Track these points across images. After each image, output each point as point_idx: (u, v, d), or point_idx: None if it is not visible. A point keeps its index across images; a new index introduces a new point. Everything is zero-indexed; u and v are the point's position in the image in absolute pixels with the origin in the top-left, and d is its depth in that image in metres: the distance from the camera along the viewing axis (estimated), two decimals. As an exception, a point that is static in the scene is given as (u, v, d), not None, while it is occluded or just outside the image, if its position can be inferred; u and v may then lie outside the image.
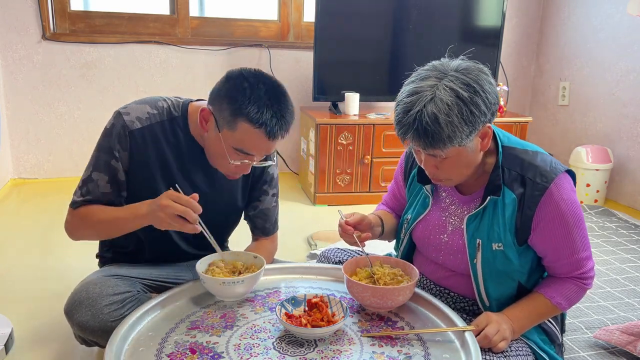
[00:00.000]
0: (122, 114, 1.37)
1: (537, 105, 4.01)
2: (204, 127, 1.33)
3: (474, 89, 1.15)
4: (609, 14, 3.31)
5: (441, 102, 1.13)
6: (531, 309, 1.30)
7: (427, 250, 1.43)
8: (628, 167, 3.23)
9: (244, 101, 1.23)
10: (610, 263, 2.34)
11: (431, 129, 1.13)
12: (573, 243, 1.26)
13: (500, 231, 1.26)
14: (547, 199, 1.23)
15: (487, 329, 1.21)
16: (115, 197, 1.39)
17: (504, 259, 1.28)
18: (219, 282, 1.28)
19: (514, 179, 1.26)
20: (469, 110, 1.14)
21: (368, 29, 3.27)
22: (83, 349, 1.60)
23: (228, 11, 3.54)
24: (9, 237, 2.55)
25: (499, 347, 1.21)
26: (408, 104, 1.16)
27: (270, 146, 1.31)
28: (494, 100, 1.19)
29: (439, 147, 1.16)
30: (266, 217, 1.60)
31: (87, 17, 3.28)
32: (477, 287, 1.32)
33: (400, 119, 1.18)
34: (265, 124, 1.24)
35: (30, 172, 3.38)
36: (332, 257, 1.61)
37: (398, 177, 1.55)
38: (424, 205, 1.42)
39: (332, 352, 1.14)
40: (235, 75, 1.28)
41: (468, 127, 1.15)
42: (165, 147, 1.39)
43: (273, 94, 1.27)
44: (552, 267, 1.31)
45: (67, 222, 1.43)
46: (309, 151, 3.24)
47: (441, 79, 1.16)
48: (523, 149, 1.30)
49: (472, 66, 1.19)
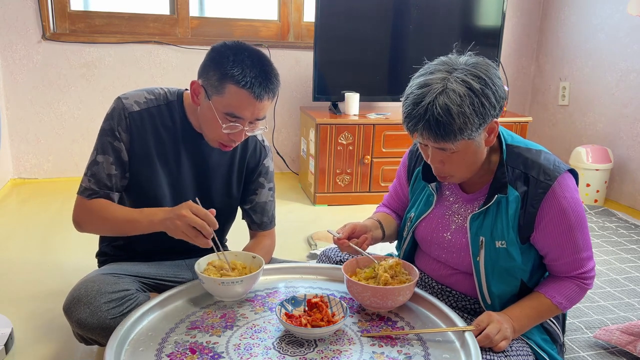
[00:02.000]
0: (121, 98, 1.45)
1: (537, 105, 4.01)
2: (196, 101, 1.40)
3: (485, 81, 1.15)
4: (609, 14, 3.31)
5: (453, 93, 1.13)
6: (532, 308, 1.30)
7: (430, 248, 1.43)
8: (628, 167, 3.23)
9: (228, 65, 1.31)
10: (610, 263, 2.34)
11: (443, 120, 1.13)
12: (575, 242, 1.26)
13: (504, 229, 1.27)
14: (550, 196, 1.23)
15: (489, 329, 1.21)
16: (120, 178, 1.44)
17: (507, 257, 1.28)
18: (217, 282, 1.28)
19: (518, 177, 1.26)
20: (480, 102, 1.14)
21: (368, 29, 3.26)
22: (83, 349, 1.61)
23: (228, 11, 3.54)
24: (9, 237, 2.55)
25: (500, 347, 1.21)
26: (418, 96, 1.16)
27: (257, 107, 1.35)
28: (502, 94, 1.19)
29: (450, 139, 1.16)
30: (263, 211, 1.62)
31: (87, 17, 3.28)
32: (479, 285, 1.32)
33: (410, 111, 1.17)
34: (250, 83, 1.30)
35: (30, 172, 3.38)
36: (333, 257, 1.61)
37: (401, 175, 1.55)
38: (428, 203, 1.42)
39: (332, 352, 1.14)
40: (219, 45, 1.36)
41: (479, 119, 1.15)
42: (162, 130, 1.46)
43: (256, 58, 1.34)
44: (553, 265, 1.31)
45: (76, 214, 1.46)
46: (309, 151, 3.25)
47: (451, 72, 1.17)
48: (526, 148, 1.30)
49: (481, 61, 1.20)
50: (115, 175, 1.43)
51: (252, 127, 1.39)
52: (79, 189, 1.45)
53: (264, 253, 1.54)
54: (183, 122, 1.47)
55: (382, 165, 3.17)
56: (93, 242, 1.65)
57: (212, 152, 1.51)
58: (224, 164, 1.54)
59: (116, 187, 1.44)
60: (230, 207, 1.62)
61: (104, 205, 1.42)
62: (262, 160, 1.59)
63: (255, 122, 1.39)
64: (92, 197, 1.43)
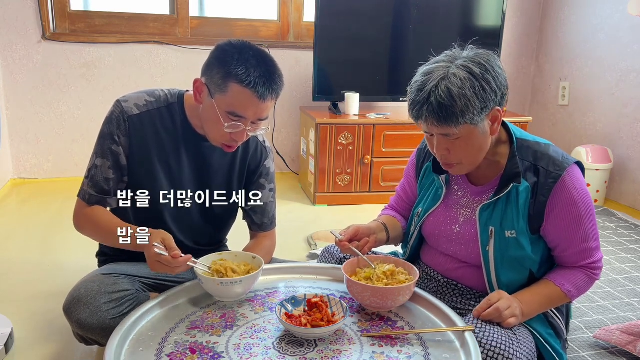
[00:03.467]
0: (121, 101, 1.44)
1: (537, 105, 4.01)
2: (198, 99, 1.39)
3: (485, 67, 1.21)
4: (609, 14, 3.31)
5: (454, 77, 1.19)
6: (541, 294, 1.32)
7: (438, 242, 1.44)
8: (628, 167, 3.23)
9: (233, 63, 1.30)
10: (610, 263, 2.34)
11: (445, 103, 1.18)
12: (585, 231, 1.30)
13: (514, 218, 1.29)
14: (560, 186, 1.27)
15: (500, 303, 1.23)
16: (118, 182, 1.44)
17: (517, 246, 1.30)
18: (217, 282, 1.28)
19: (528, 168, 1.30)
20: (481, 85, 1.19)
21: (368, 28, 3.26)
22: (83, 349, 1.61)
23: (228, 11, 3.54)
24: (9, 237, 2.54)
25: (509, 323, 1.22)
26: (421, 83, 1.22)
27: (260, 107, 1.35)
28: (503, 82, 1.24)
29: (452, 122, 1.19)
30: (264, 212, 1.61)
31: (87, 17, 3.28)
32: (488, 275, 1.34)
33: (415, 98, 1.23)
34: (253, 82, 1.30)
35: (30, 172, 3.38)
36: (336, 253, 1.60)
37: (409, 173, 1.58)
38: (436, 198, 1.44)
39: (332, 352, 1.14)
40: (224, 44, 1.36)
41: (480, 102, 1.19)
42: (162, 132, 1.45)
43: (260, 58, 1.34)
44: (563, 256, 1.34)
45: (75, 217, 1.47)
46: (309, 151, 3.24)
47: (453, 61, 1.23)
48: (535, 142, 1.35)
49: (483, 51, 1.27)
50: (112, 180, 1.43)
51: (254, 127, 1.39)
52: (79, 192, 1.45)
53: (264, 254, 1.54)
54: (184, 124, 1.46)
55: (382, 165, 3.17)
56: (93, 242, 1.64)
57: (213, 153, 1.50)
58: (225, 165, 1.54)
59: (114, 191, 1.44)
60: (231, 208, 1.62)
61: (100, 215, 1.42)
62: (263, 162, 1.59)
63: (258, 123, 1.38)
64: (90, 201, 1.43)
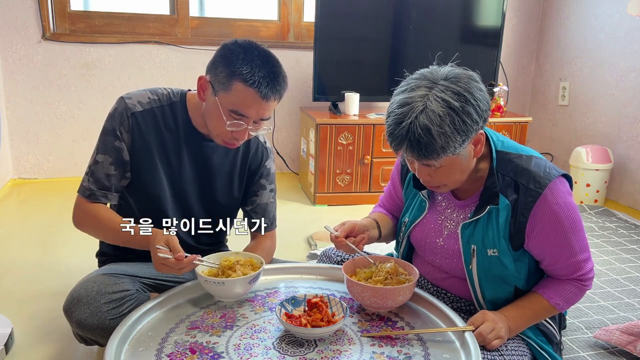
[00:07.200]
0: (124, 98, 1.45)
1: (537, 105, 4.01)
2: (202, 96, 1.39)
3: (465, 97, 1.14)
4: (609, 14, 3.31)
5: (433, 114, 1.12)
6: (528, 309, 1.30)
7: (425, 252, 1.43)
8: (628, 167, 3.23)
9: (238, 62, 1.31)
10: (610, 263, 2.34)
11: (424, 141, 1.13)
12: (571, 246, 1.26)
13: (495, 237, 1.26)
14: (542, 204, 1.22)
15: (482, 327, 1.22)
16: (119, 179, 1.45)
17: (500, 265, 1.28)
18: (217, 282, 1.28)
19: (508, 184, 1.25)
20: (461, 119, 1.13)
21: (368, 29, 3.26)
22: (83, 349, 1.61)
23: (228, 11, 3.54)
24: (9, 237, 2.55)
25: (493, 345, 1.21)
26: (399, 116, 1.15)
27: (263, 107, 1.35)
28: (485, 107, 1.18)
29: (433, 157, 1.16)
30: (264, 212, 1.61)
31: (87, 17, 3.28)
32: (473, 291, 1.33)
33: (393, 131, 1.17)
34: (257, 82, 1.30)
35: (30, 172, 3.38)
36: (333, 257, 1.61)
37: (395, 177, 1.55)
38: (421, 209, 1.42)
39: (332, 352, 1.14)
40: (230, 42, 1.36)
41: (461, 136, 1.14)
42: (164, 130, 1.46)
43: (265, 58, 1.35)
44: (551, 270, 1.31)
45: (75, 213, 1.47)
46: (309, 151, 3.24)
47: (431, 88, 1.15)
48: (517, 154, 1.28)
49: (462, 73, 1.18)
50: (114, 176, 1.43)
51: (256, 126, 1.39)
52: (79, 188, 1.45)
53: (264, 255, 1.54)
54: (186, 123, 1.47)
55: (382, 165, 3.17)
56: (93, 242, 1.65)
57: (214, 153, 1.50)
58: (225, 165, 1.54)
59: (115, 187, 1.44)
60: (232, 208, 1.62)
61: (100, 211, 1.42)
62: (264, 162, 1.59)
63: (260, 122, 1.39)
64: (91, 197, 1.43)
